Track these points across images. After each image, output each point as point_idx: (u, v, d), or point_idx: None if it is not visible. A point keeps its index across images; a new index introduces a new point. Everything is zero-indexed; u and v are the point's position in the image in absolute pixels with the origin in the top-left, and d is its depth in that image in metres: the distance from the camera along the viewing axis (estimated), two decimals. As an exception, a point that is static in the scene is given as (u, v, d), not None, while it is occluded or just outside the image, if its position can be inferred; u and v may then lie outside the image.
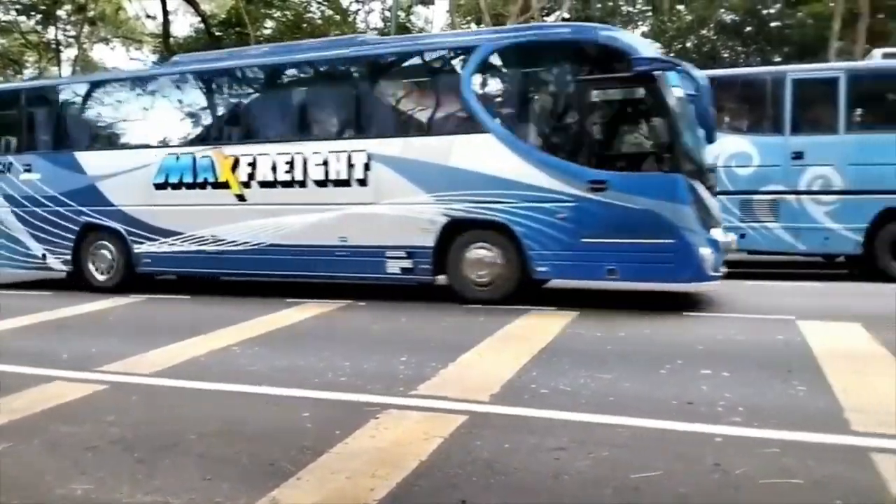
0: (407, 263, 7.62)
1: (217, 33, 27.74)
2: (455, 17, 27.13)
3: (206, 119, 9.28)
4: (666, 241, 6.65)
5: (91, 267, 9.22)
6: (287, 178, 8.14)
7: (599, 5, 26.34)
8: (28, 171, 9.54)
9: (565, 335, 5.84)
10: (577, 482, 2.85)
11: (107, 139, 9.87)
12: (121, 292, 8.80)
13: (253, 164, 8.28)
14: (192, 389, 4.57)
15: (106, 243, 9.10)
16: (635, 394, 4.13)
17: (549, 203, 7.01)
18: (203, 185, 8.56)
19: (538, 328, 6.11)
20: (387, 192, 7.68)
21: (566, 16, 24.73)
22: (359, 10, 30.56)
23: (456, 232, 7.45)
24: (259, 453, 3.31)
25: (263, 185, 8.28)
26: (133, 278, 9.05)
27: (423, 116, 8.44)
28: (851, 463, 2.95)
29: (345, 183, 7.87)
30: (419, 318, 6.99)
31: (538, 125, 7.70)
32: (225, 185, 8.47)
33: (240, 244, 8.39)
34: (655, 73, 6.65)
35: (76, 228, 9.19)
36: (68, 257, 9.31)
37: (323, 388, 4.43)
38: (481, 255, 7.35)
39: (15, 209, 9.59)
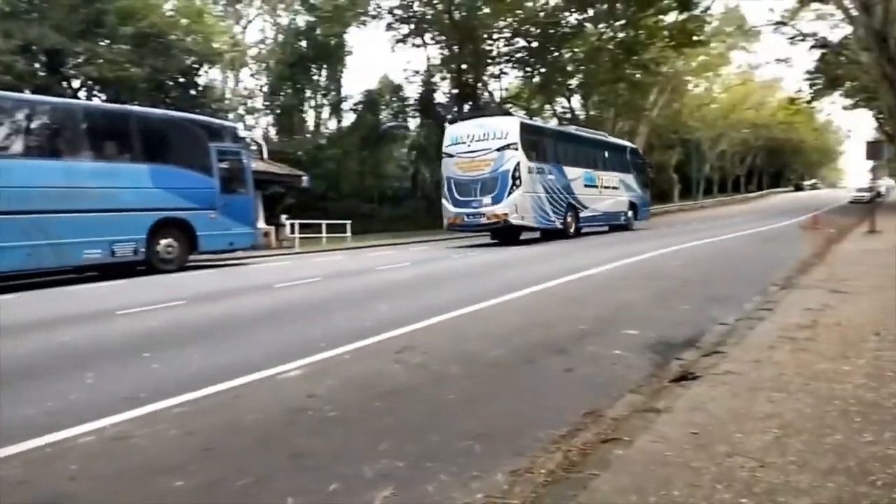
0: None
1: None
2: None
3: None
4: None
5: (567, 225, 20.79)
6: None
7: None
8: (549, 174, 20.31)
9: None
10: None
11: (571, 160, 21.93)
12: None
13: None
14: None
15: (570, 211, 20.88)
16: None
17: None
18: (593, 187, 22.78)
19: None
20: None
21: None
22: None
23: None
24: None
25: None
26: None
27: None
28: None
29: None
30: None
31: None
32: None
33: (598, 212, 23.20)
34: None
35: (565, 205, 20.70)
36: (562, 220, 20.53)
37: None
38: None
39: (546, 195, 19.93)
